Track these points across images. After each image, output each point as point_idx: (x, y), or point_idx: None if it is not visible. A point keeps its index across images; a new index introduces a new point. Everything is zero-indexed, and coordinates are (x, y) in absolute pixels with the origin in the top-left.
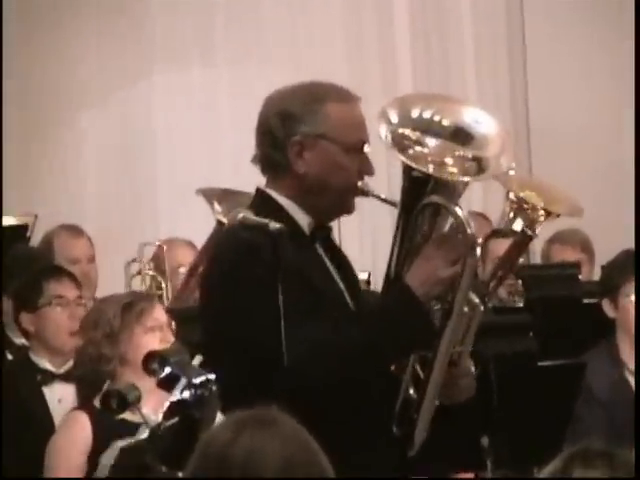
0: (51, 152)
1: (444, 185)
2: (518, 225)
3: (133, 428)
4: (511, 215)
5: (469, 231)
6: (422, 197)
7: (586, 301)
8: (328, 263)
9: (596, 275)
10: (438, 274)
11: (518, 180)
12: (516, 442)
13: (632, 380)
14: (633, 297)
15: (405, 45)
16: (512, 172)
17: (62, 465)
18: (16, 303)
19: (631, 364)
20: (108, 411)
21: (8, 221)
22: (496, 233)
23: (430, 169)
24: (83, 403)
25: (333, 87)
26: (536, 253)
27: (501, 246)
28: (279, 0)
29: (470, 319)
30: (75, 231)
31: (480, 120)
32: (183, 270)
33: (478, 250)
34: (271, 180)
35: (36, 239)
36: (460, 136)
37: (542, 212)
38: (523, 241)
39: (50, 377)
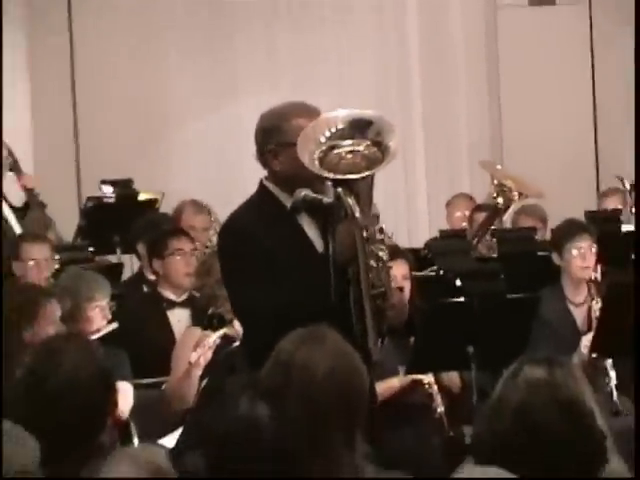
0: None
1: (347, 180)
2: (499, 202)
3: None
4: (494, 195)
5: (355, 215)
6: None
7: (540, 253)
8: (309, 229)
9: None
10: (344, 243)
11: (501, 171)
12: (492, 350)
13: (572, 309)
14: (574, 251)
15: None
16: (499, 166)
17: (184, 358)
18: (149, 252)
19: (572, 298)
20: (211, 328)
21: (144, 196)
22: (478, 208)
23: (329, 174)
24: (195, 323)
25: (301, 106)
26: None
27: (481, 216)
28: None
29: (381, 267)
30: (198, 206)
31: (358, 112)
32: None
33: (379, 223)
34: (267, 173)
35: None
36: (358, 127)
37: (516, 194)
38: (495, 213)
39: (172, 304)
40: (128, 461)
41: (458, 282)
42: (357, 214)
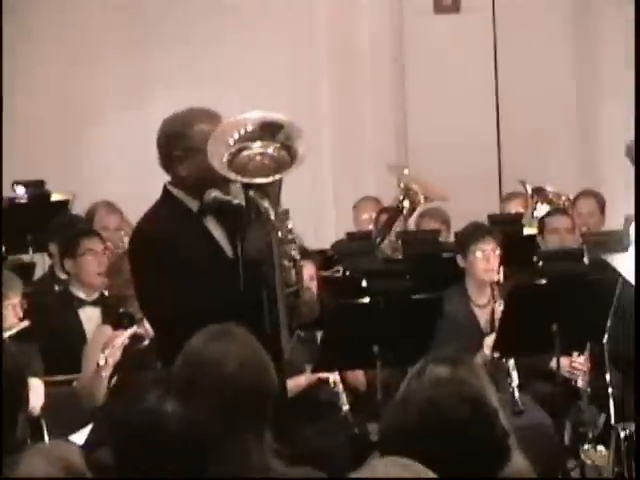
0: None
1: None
2: (406, 206)
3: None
4: (401, 198)
5: (269, 217)
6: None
7: (444, 255)
8: (216, 231)
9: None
10: (256, 244)
11: (407, 175)
12: (397, 349)
13: (476, 310)
14: (478, 253)
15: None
16: (406, 171)
17: (95, 356)
18: (61, 252)
19: (476, 299)
20: (122, 326)
21: (56, 197)
22: (384, 210)
23: (240, 178)
24: (106, 321)
25: (202, 111)
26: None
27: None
28: None
29: (294, 267)
30: (110, 206)
31: (269, 115)
32: None
33: (289, 224)
34: (170, 178)
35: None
36: (267, 130)
37: (422, 197)
38: (397, 214)
39: (83, 303)
40: (40, 457)
41: (364, 283)
42: (272, 216)
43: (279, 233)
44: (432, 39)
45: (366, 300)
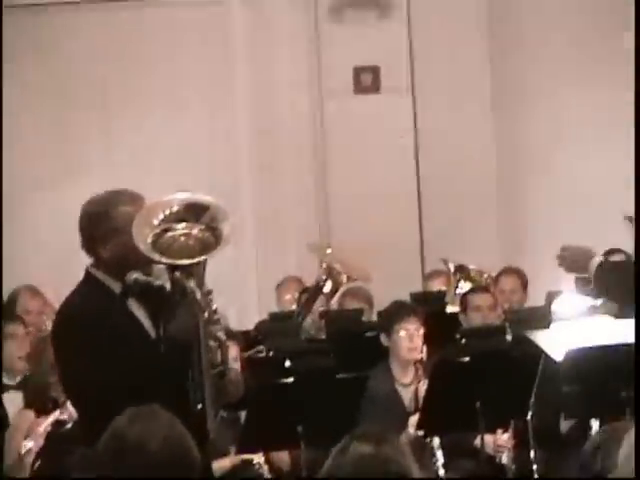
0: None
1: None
2: (328, 286)
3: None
4: (324, 278)
5: (196, 298)
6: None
7: (368, 334)
8: (139, 312)
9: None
10: (183, 325)
11: (330, 255)
12: (321, 429)
13: (400, 389)
14: (402, 332)
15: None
16: (328, 250)
17: (17, 442)
18: None
19: (400, 378)
20: (44, 411)
21: None
22: (305, 290)
23: (167, 259)
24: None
25: (124, 193)
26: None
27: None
28: None
29: (219, 348)
30: (33, 290)
31: (194, 196)
32: None
33: (213, 304)
34: (93, 261)
35: None
36: (192, 211)
37: (344, 277)
38: (317, 292)
39: (6, 387)
40: None
41: (287, 363)
42: (198, 297)
43: (205, 314)
44: (352, 118)
45: (290, 380)
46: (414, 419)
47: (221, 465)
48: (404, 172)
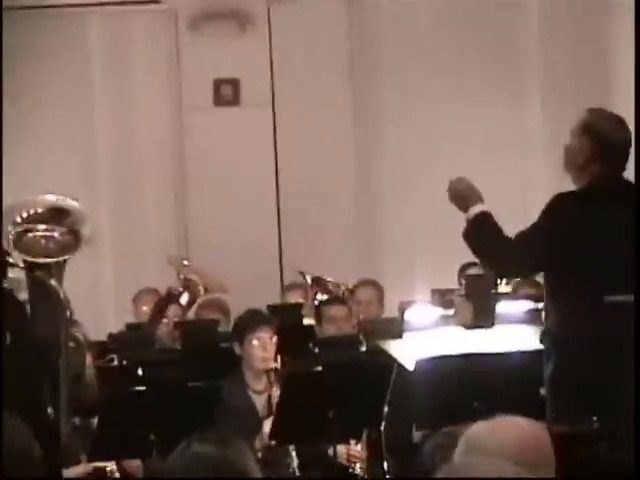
0: None
1: (46, 263)
2: (185, 298)
3: None
4: (181, 289)
5: (59, 296)
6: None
7: (223, 345)
8: None
9: None
10: (44, 324)
11: (187, 267)
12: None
13: (254, 396)
14: (255, 341)
15: None
16: (185, 262)
17: None
18: None
19: (253, 385)
20: None
21: None
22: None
23: (27, 257)
24: None
25: None
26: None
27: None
28: None
29: (77, 350)
30: None
31: (65, 200)
32: None
33: (67, 309)
34: None
35: None
36: (57, 215)
37: (202, 288)
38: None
39: None
40: None
41: (140, 371)
42: (61, 295)
43: (67, 313)
44: (212, 131)
45: (141, 388)
46: (267, 424)
47: (74, 472)
48: (264, 186)
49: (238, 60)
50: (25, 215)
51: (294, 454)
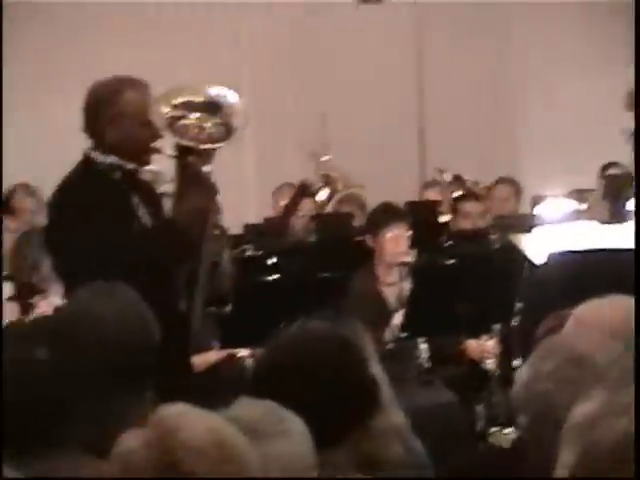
0: None
1: (199, 149)
2: (325, 193)
3: None
4: (320, 185)
5: (211, 182)
6: (186, 158)
7: (357, 238)
8: (135, 199)
9: None
10: (190, 209)
11: (326, 162)
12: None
13: (385, 288)
14: (388, 235)
15: None
16: (325, 157)
17: None
18: None
19: (384, 278)
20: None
21: None
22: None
23: (185, 140)
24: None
25: (132, 79)
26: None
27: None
28: None
29: (219, 238)
30: (28, 189)
31: (225, 94)
32: None
33: (217, 196)
34: (93, 144)
35: None
36: (211, 107)
37: (340, 184)
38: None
39: None
40: None
41: (272, 260)
42: (212, 182)
43: (217, 197)
44: (356, 30)
45: (272, 278)
46: (398, 316)
47: (205, 359)
48: (406, 83)
49: None
50: (184, 100)
51: (424, 347)
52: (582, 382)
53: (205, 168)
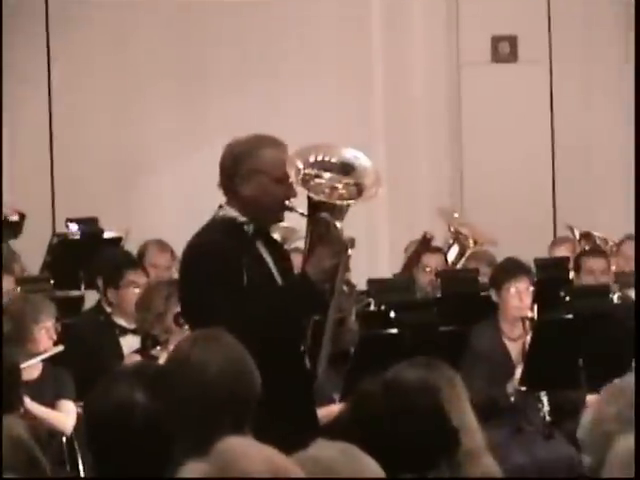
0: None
1: (331, 206)
2: (455, 250)
3: None
4: (450, 242)
5: (343, 237)
6: (319, 214)
7: (483, 294)
8: (266, 255)
9: None
10: (324, 264)
11: (457, 219)
12: None
13: (508, 342)
14: (512, 290)
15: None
16: (456, 214)
17: None
18: (105, 283)
19: (508, 332)
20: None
21: (108, 234)
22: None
23: (320, 196)
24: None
25: (270, 137)
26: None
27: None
28: None
29: (348, 294)
30: (162, 245)
31: (358, 157)
32: None
33: (349, 251)
34: (228, 199)
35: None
36: (345, 168)
37: (471, 241)
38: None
39: (124, 331)
40: None
41: (392, 314)
42: (344, 237)
43: (349, 252)
44: (488, 88)
45: (395, 331)
46: (519, 372)
47: (329, 412)
48: (539, 140)
49: (516, 16)
50: (319, 158)
51: (545, 400)
52: None
53: (338, 224)
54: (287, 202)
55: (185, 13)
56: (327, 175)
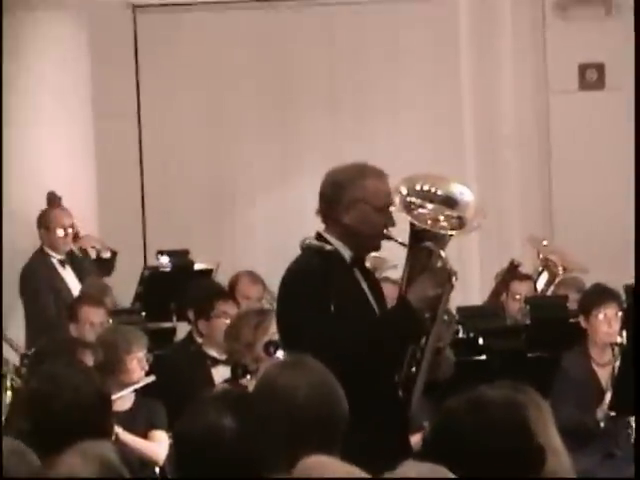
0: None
1: (435, 235)
2: (544, 277)
3: None
4: (540, 269)
5: (448, 267)
6: (421, 243)
7: (571, 320)
8: (363, 283)
9: None
10: (427, 293)
11: (547, 247)
12: None
13: (597, 368)
14: (600, 316)
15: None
16: (545, 242)
17: None
18: (196, 313)
19: (597, 358)
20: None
21: (199, 266)
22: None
23: (425, 225)
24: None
25: (371, 167)
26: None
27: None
28: None
29: (448, 324)
30: (254, 276)
31: (463, 192)
32: None
33: (454, 279)
34: (327, 227)
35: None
36: (449, 201)
37: (561, 268)
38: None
39: (215, 362)
40: (77, 456)
41: (480, 341)
42: (448, 265)
43: (453, 280)
44: (577, 115)
45: (482, 357)
46: (609, 395)
47: (419, 440)
48: (625, 168)
49: (604, 44)
50: (425, 188)
51: (634, 425)
52: None
53: (441, 251)
54: (386, 231)
55: (277, 43)
56: (430, 206)
